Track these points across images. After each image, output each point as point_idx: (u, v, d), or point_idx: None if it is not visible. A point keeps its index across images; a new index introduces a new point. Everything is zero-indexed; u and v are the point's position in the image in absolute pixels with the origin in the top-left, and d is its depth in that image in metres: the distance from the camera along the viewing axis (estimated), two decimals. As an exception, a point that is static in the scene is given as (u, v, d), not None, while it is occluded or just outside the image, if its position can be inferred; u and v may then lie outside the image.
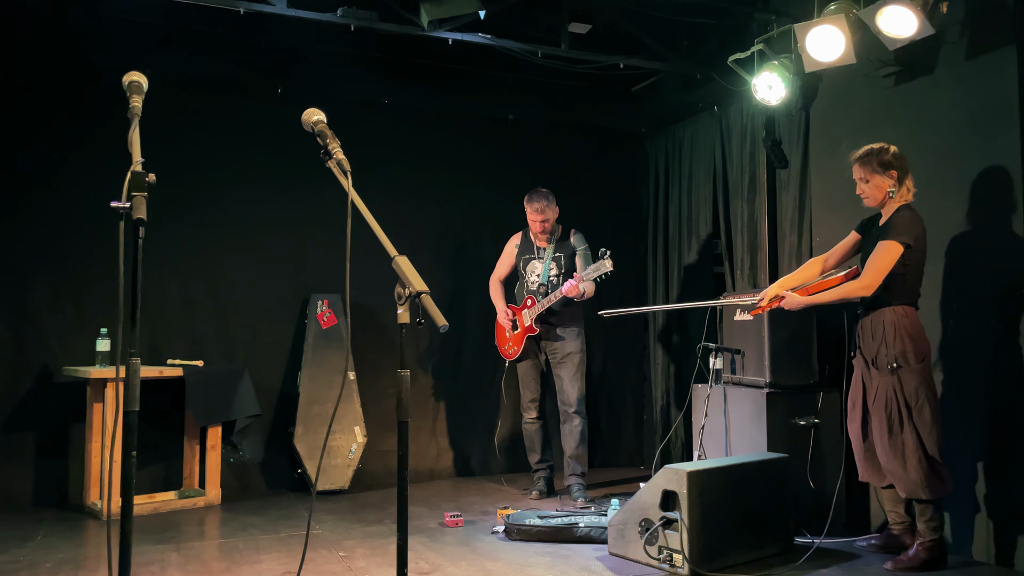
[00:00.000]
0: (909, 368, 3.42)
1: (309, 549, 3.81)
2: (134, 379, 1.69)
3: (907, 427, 3.40)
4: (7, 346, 4.69)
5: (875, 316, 3.54)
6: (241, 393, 4.81)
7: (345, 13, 4.37)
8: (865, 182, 3.59)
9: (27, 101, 4.76)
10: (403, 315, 1.93)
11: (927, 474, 3.37)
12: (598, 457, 6.11)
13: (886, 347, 3.46)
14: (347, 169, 2.07)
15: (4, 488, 4.61)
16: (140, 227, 1.65)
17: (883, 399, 3.46)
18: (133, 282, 1.69)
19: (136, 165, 1.73)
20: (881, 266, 3.45)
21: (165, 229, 4.98)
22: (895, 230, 3.46)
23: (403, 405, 1.96)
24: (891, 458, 3.43)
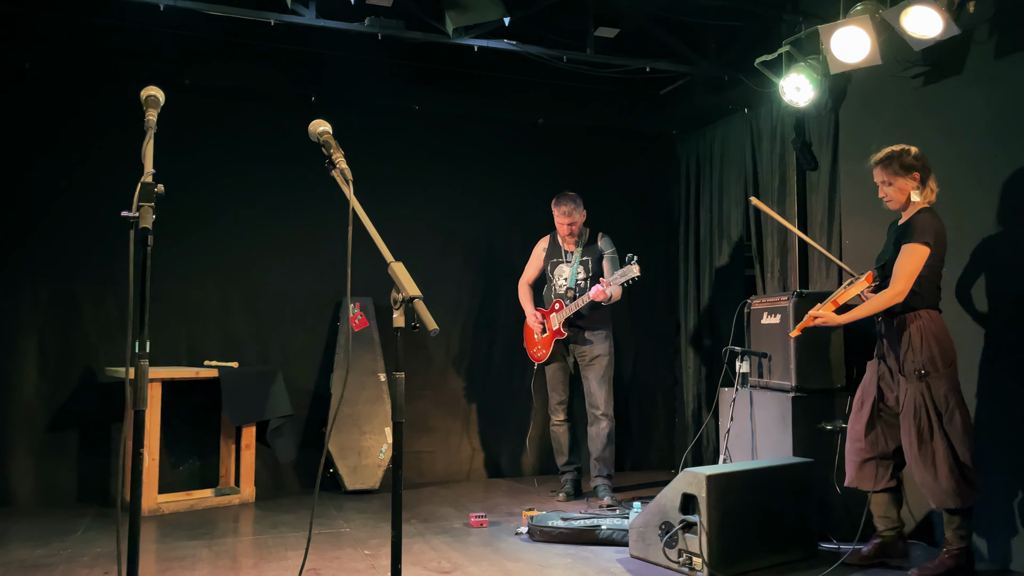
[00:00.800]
0: (937, 374, 3.35)
1: (335, 547, 3.91)
2: (143, 380, 1.77)
3: (937, 435, 3.32)
4: (53, 348, 4.87)
5: (899, 321, 3.46)
6: (274, 394, 4.93)
7: (372, 22, 4.47)
8: (888, 185, 3.53)
9: (66, 112, 4.94)
10: (398, 319, 1.98)
11: (958, 482, 3.28)
12: (629, 460, 6.12)
13: (913, 353, 3.38)
14: (349, 178, 2.13)
15: (50, 484, 4.80)
16: (148, 236, 1.71)
17: (911, 407, 3.37)
18: (142, 288, 1.77)
19: (147, 176, 1.81)
20: (909, 270, 3.37)
21: (203, 233, 5.17)
22: (916, 232, 3.40)
23: (397, 406, 2.02)
24: (921, 468, 3.35)
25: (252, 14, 4.34)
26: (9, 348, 4.76)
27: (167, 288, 5.01)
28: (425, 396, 5.65)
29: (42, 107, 4.89)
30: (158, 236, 4.75)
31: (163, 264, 4.91)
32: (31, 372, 4.80)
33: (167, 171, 4.95)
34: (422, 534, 4.17)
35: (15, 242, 4.80)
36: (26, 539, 3.98)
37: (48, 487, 4.78)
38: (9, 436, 4.72)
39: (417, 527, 4.31)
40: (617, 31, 5.17)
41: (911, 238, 3.40)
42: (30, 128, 4.86)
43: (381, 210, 5.26)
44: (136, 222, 1.74)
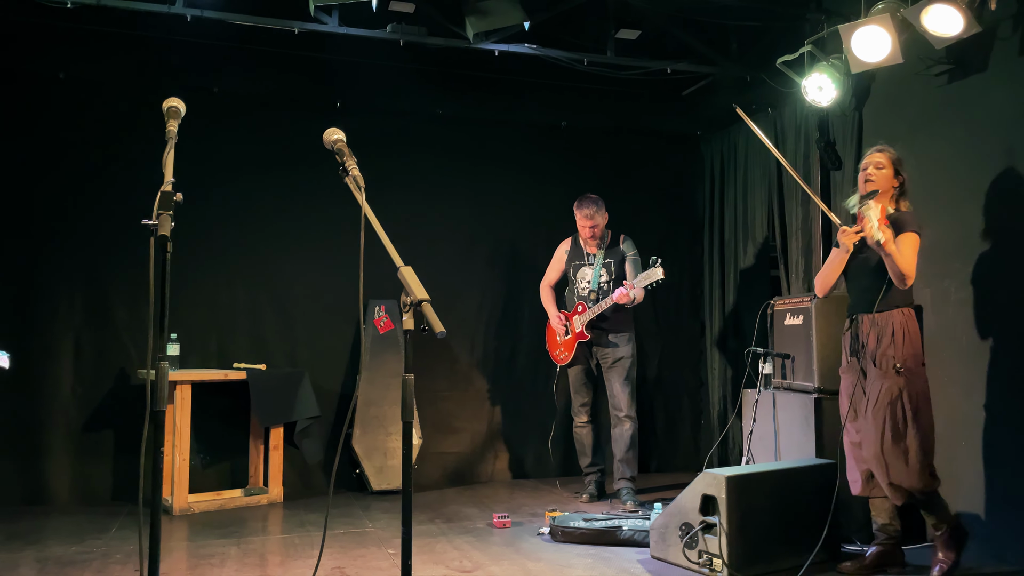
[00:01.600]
0: (915, 371, 3.38)
1: (360, 545, 3.97)
2: (162, 381, 1.83)
3: (911, 430, 3.34)
4: (89, 350, 5.01)
5: (882, 318, 3.45)
6: (301, 395, 5.02)
7: (394, 29, 4.54)
8: (881, 168, 3.53)
9: (100, 120, 5.07)
10: (408, 322, 2.03)
11: (928, 480, 3.36)
12: (654, 461, 6.12)
13: (895, 348, 3.38)
14: (361, 185, 2.19)
15: (86, 484, 4.93)
16: (167, 243, 1.78)
17: (886, 400, 3.37)
18: (161, 293, 1.84)
19: (166, 185, 1.87)
20: (913, 257, 3.41)
21: (232, 238, 5.28)
22: (911, 222, 3.46)
23: (406, 406, 2.07)
24: (893, 459, 3.35)
25: (277, 23, 4.44)
26: (46, 351, 4.90)
27: (197, 292, 5.13)
28: (450, 398, 5.71)
29: (76, 115, 5.02)
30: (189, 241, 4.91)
31: (193, 268, 5.05)
32: (67, 375, 4.94)
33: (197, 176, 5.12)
34: (445, 534, 4.22)
35: (51, 248, 4.94)
36: (62, 536, 4.09)
37: (83, 486, 4.91)
38: (47, 437, 4.85)
39: (441, 527, 4.36)
40: (639, 33, 5.18)
41: (908, 227, 3.44)
42: (65, 135, 5.00)
43: (406, 213, 5.44)
44: (155, 229, 1.80)
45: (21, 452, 4.80)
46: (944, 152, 4.13)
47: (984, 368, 3.85)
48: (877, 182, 3.51)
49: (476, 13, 4.39)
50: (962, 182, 4.01)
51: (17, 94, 4.92)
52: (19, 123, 4.92)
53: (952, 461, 4.00)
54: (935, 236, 4.17)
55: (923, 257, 4.18)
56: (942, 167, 4.14)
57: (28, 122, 4.94)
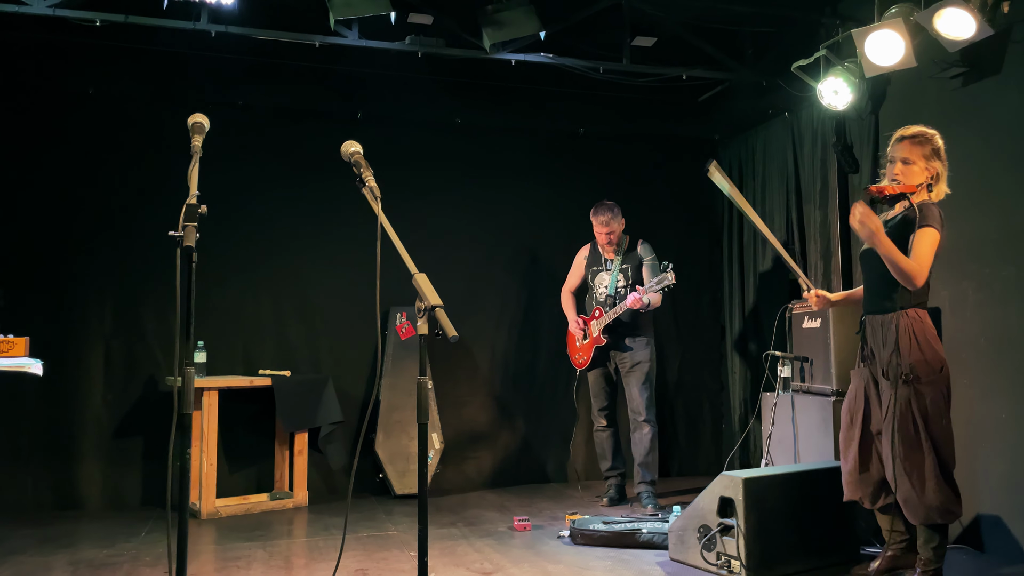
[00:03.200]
0: (926, 379, 3.10)
1: (383, 548, 4.04)
2: (189, 385, 1.91)
3: (925, 445, 3.08)
4: (120, 358, 5.13)
5: (885, 320, 3.22)
6: (325, 401, 5.11)
7: (413, 41, 4.62)
8: (906, 163, 3.22)
9: (130, 133, 5.20)
10: (422, 327, 2.10)
11: (947, 497, 3.08)
12: (675, 465, 6.14)
13: (899, 356, 3.12)
14: (378, 195, 2.26)
15: (117, 489, 5.05)
16: (192, 253, 1.86)
17: (896, 415, 3.11)
18: (187, 301, 1.92)
19: (191, 198, 1.96)
20: (928, 255, 3.11)
21: (257, 247, 5.39)
22: (931, 218, 3.13)
23: (422, 408, 2.13)
24: (907, 480, 3.11)
25: (298, 37, 4.54)
26: (78, 359, 5.03)
27: (223, 301, 5.25)
28: (471, 403, 5.78)
29: (106, 129, 5.16)
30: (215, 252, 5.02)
31: (219, 278, 5.17)
32: (98, 382, 5.07)
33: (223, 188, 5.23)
34: (466, 537, 4.28)
35: (83, 258, 5.08)
36: (94, 540, 4.20)
37: (114, 491, 5.03)
38: (79, 443, 4.98)
39: (462, 530, 4.42)
40: (654, 40, 5.23)
41: (926, 222, 3.12)
42: (95, 149, 5.14)
43: (426, 222, 5.53)
44: (181, 240, 1.89)
45: (54, 458, 4.93)
46: (960, 154, 4.11)
47: (1004, 370, 3.85)
48: (903, 179, 3.21)
49: (493, 24, 4.47)
50: (978, 183, 4.01)
51: (48, 109, 5.07)
52: (51, 138, 5.07)
53: (973, 464, 4.00)
54: (952, 238, 4.16)
55: (940, 259, 4.19)
56: (957, 169, 4.10)
57: (60, 136, 5.09)
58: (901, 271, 3.09)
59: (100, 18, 4.25)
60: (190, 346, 1.94)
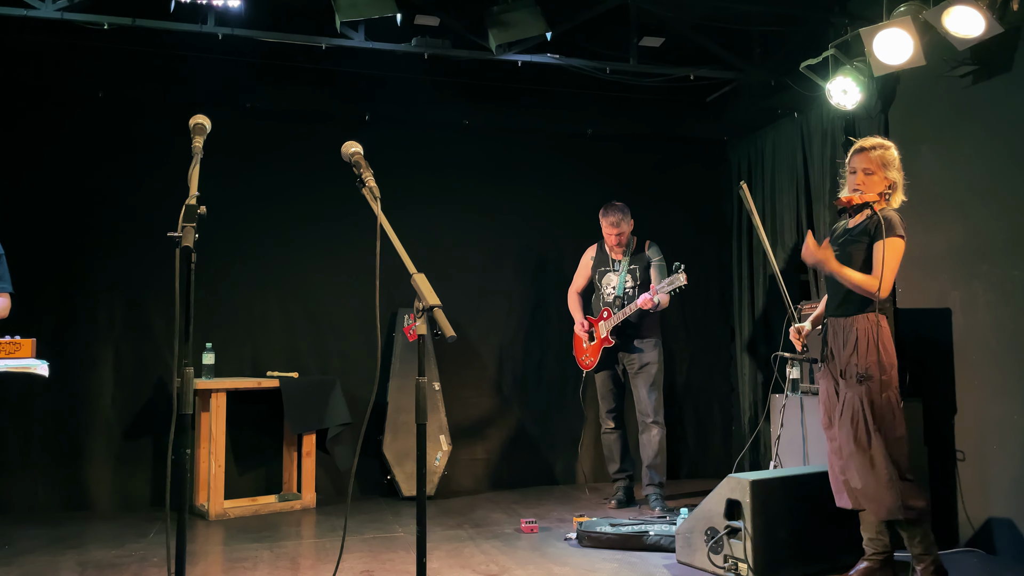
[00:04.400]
0: (877, 379, 3.15)
1: (389, 550, 4.04)
2: (188, 386, 1.91)
3: (876, 442, 3.12)
4: (129, 360, 5.15)
5: (847, 323, 3.28)
6: (333, 403, 5.11)
7: (419, 42, 4.62)
8: (867, 173, 3.27)
9: (140, 135, 5.23)
10: (421, 327, 2.09)
11: (900, 493, 3.09)
12: (685, 467, 6.11)
13: (857, 356, 3.19)
14: (377, 195, 2.26)
15: (126, 490, 5.07)
16: (191, 254, 1.86)
17: (849, 412, 3.19)
18: (186, 302, 1.92)
19: (191, 199, 1.96)
20: (893, 265, 3.16)
21: (265, 249, 5.40)
22: (896, 226, 3.19)
23: (421, 408, 2.13)
24: (864, 477, 3.15)
25: (304, 39, 4.55)
26: (88, 361, 5.06)
27: (232, 303, 5.27)
28: (479, 404, 5.77)
29: (114, 131, 5.19)
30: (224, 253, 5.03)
31: (228, 280, 5.19)
32: (108, 383, 5.09)
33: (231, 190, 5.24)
34: (473, 538, 4.27)
35: (92, 260, 5.11)
36: (102, 541, 4.22)
37: (123, 492, 5.05)
38: (88, 444, 5.01)
39: (469, 531, 4.42)
40: (662, 40, 5.22)
41: (893, 232, 3.17)
42: (103, 151, 5.17)
43: (434, 223, 5.53)
44: (180, 241, 1.88)
45: (63, 459, 4.96)
46: (970, 152, 4.10)
47: (1015, 371, 3.81)
48: (866, 190, 3.27)
49: (499, 25, 4.46)
50: (989, 183, 3.98)
51: (59, 113, 5.11)
52: (61, 140, 5.11)
53: (984, 466, 3.97)
54: (962, 238, 4.14)
55: (951, 259, 4.19)
56: (968, 168, 4.11)
57: (70, 139, 5.12)
58: (862, 288, 3.19)
59: (108, 21, 4.28)
60: (189, 347, 1.94)
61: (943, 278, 4.24)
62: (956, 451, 4.12)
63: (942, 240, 4.25)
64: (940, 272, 4.26)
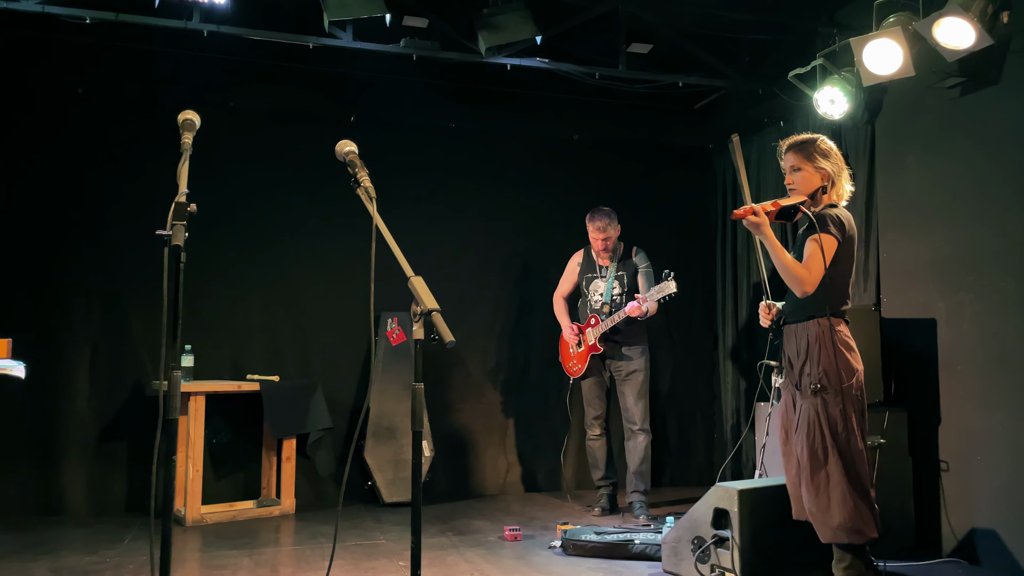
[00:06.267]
0: (834, 390, 2.95)
1: (371, 557, 3.97)
2: (175, 390, 1.85)
3: (832, 458, 2.93)
4: (105, 361, 5.05)
5: (799, 329, 3.10)
6: (314, 407, 5.03)
7: (408, 44, 4.58)
8: (796, 171, 3.15)
9: (120, 134, 5.13)
10: (417, 331, 2.05)
11: (851, 515, 2.90)
12: (667, 475, 6.09)
13: (810, 365, 3.01)
14: (373, 196, 2.21)
15: (101, 495, 4.95)
16: (180, 253, 1.81)
17: (804, 425, 3.00)
18: (175, 302, 1.86)
19: (180, 196, 1.90)
20: (816, 261, 2.95)
21: (247, 250, 5.32)
22: (826, 223, 3.02)
23: (416, 415, 2.08)
24: (812, 495, 2.98)
25: (292, 38, 4.49)
26: (63, 363, 4.94)
27: (212, 304, 5.17)
28: (462, 410, 5.72)
29: (95, 129, 5.09)
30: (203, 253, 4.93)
31: (208, 281, 5.09)
32: (83, 386, 4.98)
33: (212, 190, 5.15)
34: (456, 546, 4.21)
35: (69, 259, 5.00)
36: (77, 547, 4.12)
37: (98, 497, 4.94)
38: (63, 447, 4.89)
39: (452, 539, 4.36)
40: (650, 47, 5.20)
41: (821, 229, 2.99)
42: (83, 149, 5.07)
43: (419, 226, 5.47)
44: (169, 239, 1.83)
45: (37, 462, 4.84)
46: (957, 164, 4.13)
47: (1000, 382, 3.83)
48: (798, 187, 3.15)
49: (488, 28, 4.43)
50: (976, 194, 4.00)
51: (36, 109, 5.00)
52: (38, 137, 4.99)
53: (968, 477, 3.98)
54: (948, 249, 4.16)
55: (937, 270, 4.20)
56: (955, 179, 4.14)
57: (47, 136, 5.01)
58: (789, 273, 2.98)
59: (91, 16, 4.19)
60: (177, 349, 1.88)
61: (929, 288, 4.26)
62: (940, 461, 4.14)
63: (928, 250, 4.27)
64: (926, 282, 4.28)
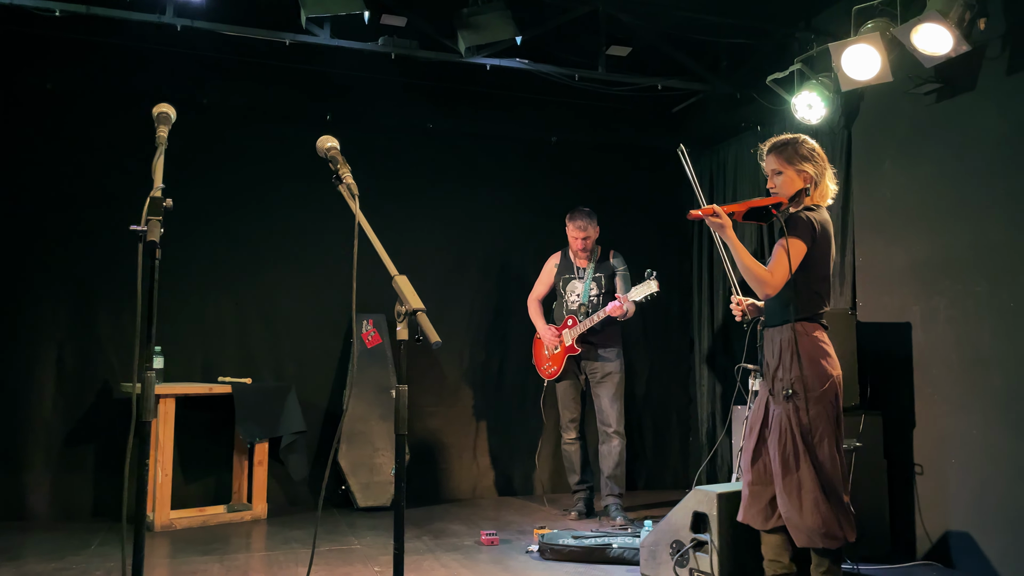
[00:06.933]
0: (807, 396, 2.94)
1: (346, 563, 3.91)
2: (149, 391, 1.79)
3: (804, 464, 2.92)
4: (72, 363, 4.93)
5: (774, 333, 3.10)
6: (287, 410, 4.95)
7: (386, 42, 4.53)
8: (778, 174, 3.12)
9: (88, 130, 5.02)
10: (402, 332, 2.00)
11: (824, 519, 2.89)
12: (643, 478, 6.08)
13: (783, 370, 3.00)
14: (355, 193, 2.16)
15: (66, 499, 4.84)
16: (156, 249, 1.75)
17: (777, 431, 3.00)
18: (149, 301, 1.80)
19: (156, 191, 1.84)
20: (785, 263, 2.93)
21: (219, 250, 5.24)
22: (794, 227, 2.99)
23: (401, 418, 2.03)
24: (786, 500, 2.97)
25: (267, 34, 4.42)
26: (28, 363, 4.82)
27: (182, 304, 5.07)
28: (437, 414, 5.66)
29: (64, 126, 4.98)
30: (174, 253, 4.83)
31: (178, 281, 4.99)
32: (49, 387, 4.86)
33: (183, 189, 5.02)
34: (432, 551, 4.16)
35: (35, 258, 4.88)
36: (41, 553, 4.01)
37: (64, 502, 4.82)
38: (27, 451, 4.77)
39: (428, 544, 4.31)
40: (629, 49, 5.21)
41: (789, 233, 2.97)
42: (52, 147, 4.95)
43: (395, 227, 5.41)
44: (144, 235, 1.77)
45: (0, 466, 4.71)
46: (932, 170, 4.16)
47: (974, 386, 3.86)
48: (780, 190, 3.11)
49: (468, 27, 4.39)
50: (950, 200, 4.04)
51: (2, 104, 4.86)
52: (3, 133, 4.86)
53: (942, 481, 4.01)
54: (924, 253, 4.19)
55: (912, 274, 4.23)
56: (930, 185, 4.17)
57: (12, 131, 4.89)
58: (752, 274, 2.99)
59: (60, 8, 4.08)
60: (151, 350, 1.82)
61: (904, 292, 4.29)
62: (915, 464, 4.16)
63: (904, 255, 4.31)
64: (902, 286, 4.31)
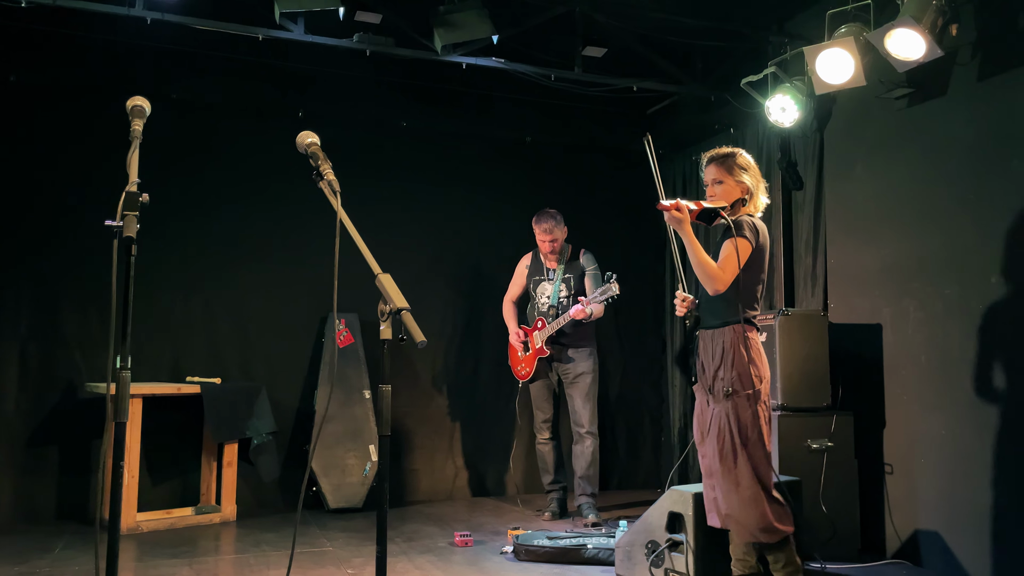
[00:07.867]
0: (745, 394, 3.04)
1: (318, 565, 3.86)
2: (124, 391, 1.74)
3: (741, 460, 3.01)
4: (35, 362, 4.82)
5: (714, 335, 3.17)
6: (258, 410, 4.89)
7: (361, 39, 4.48)
8: (718, 183, 3.24)
9: (51, 124, 4.92)
10: (385, 331, 1.98)
11: (763, 514, 2.98)
12: (615, 478, 6.09)
13: (724, 370, 3.08)
14: (337, 189, 2.13)
15: (29, 501, 4.73)
16: (132, 245, 1.70)
17: (716, 428, 3.08)
18: (124, 298, 1.75)
19: (131, 186, 1.80)
20: (734, 260, 3.05)
21: (188, 248, 5.15)
22: (742, 229, 3.11)
23: (384, 419, 2.00)
24: (729, 497, 3.05)
25: (240, 29, 4.35)
26: (-11, 362, 4.71)
27: (150, 303, 4.97)
28: (410, 414, 5.63)
29: (27, 120, 4.87)
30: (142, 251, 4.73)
31: (147, 279, 4.87)
32: (11, 387, 4.75)
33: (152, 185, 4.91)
34: (406, 552, 4.12)
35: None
36: (4, 557, 3.91)
37: (27, 504, 4.71)
38: (-12, 452, 4.65)
39: (401, 546, 4.27)
40: (605, 51, 5.21)
41: (737, 233, 3.10)
42: (14, 141, 4.83)
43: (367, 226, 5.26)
44: (120, 231, 1.72)
45: (-40, 468, 4.59)
46: (903, 174, 4.22)
47: (943, 386, 3.91)
48: (720, 199, 3.23)
49: (444, 25, 4.36)
50: (920, 203, 4.09)
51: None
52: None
53: (911, 480, 4.06)
54: (894, 256, 4.25)
55: (883, 276, 4.29)
56: (902, 188, 4.22)
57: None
58: (703, 271, 3.08)
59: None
60: (127, 348, 1.77)
61: (875, 294, 4.34)
62: (884, 464, 4.21)
63: (875, 257, 4.36)
64: (872, 288, 4.36)
